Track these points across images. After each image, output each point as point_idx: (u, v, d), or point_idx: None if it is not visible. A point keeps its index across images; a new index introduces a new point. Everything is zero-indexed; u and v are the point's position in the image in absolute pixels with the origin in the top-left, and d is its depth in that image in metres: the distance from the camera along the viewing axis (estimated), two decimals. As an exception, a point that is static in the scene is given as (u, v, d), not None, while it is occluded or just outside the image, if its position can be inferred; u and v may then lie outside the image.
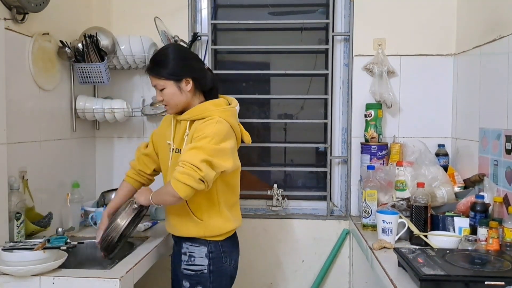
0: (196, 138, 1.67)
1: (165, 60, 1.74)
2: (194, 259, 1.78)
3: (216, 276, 1.78)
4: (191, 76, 1.75)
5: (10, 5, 1.78)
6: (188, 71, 1.75)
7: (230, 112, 1.78)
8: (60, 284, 1.53)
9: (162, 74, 1.73)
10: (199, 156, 1.60)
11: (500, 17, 1.92)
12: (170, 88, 1.73)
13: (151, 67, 1.76)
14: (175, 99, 1.75)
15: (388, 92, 2.37)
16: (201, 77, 1.79)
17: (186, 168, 1.59)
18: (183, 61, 1.76)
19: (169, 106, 1.77)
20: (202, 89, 1.81)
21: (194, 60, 1.83)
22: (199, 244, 1.78)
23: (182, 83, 1.74)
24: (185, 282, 1.80)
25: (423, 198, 1.90)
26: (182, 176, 1.59)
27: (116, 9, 2.54)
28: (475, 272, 1.40)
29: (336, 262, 2.53)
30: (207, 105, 1.76)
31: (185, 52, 1.86)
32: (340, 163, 2.58)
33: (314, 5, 2.71)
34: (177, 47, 1.90)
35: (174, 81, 1.73)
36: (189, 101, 1.78)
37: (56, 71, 2.16)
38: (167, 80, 1.73)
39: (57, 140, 2.18)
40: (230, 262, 1.84)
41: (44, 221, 1.88)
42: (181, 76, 1.73)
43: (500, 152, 1.87)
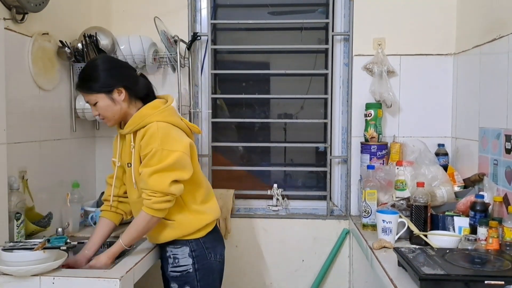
0: (147, 157, 1.64)
1: (92, 73, 1.70)
2: (178, 260, 1.78)
3: (202, 274, 1.78)
4: (122, 85, 1.70)
5: (9, 5, 1.78)
6: (118, 80, 1.70)
7: (168, 112, 1.73)
8: (60, 284, 1.53)
9: (92, 88, 1.68)
10: (165, 180, 1.62)
11: (500, 17, 1.92)
12: (103, 101, 1.69)
13: (79, 84, 1.71)
14: (110, 111, 1.71)
15: (388, 92, 2.37)
16: (132, 84, 1.74)
17: (158, 197, 1.63)
18: (111, 71, 1.71)
19: (106, 119, 1.73)
20: (137, 96, 1.76)
21: (123, 68, 1.78)
22: (181, 245, 1.78)
23: (114, 93, 1.69)
24: (173, 284, 1.80)
25: (423, 198, 1.90)
26: (157, 205, 1.64)
27: (116, 9, 2.54)
28: (475, 271, 1.40)
29: (336, 261, 2.53)
30: (144, 110, 1.71)
31: (113, 61, 1.80)
32: (340, 163, 2.58)
33: (314, 4, 2.71)
34: (103, 58, 1.82)
35: (105, 93, 1.68)
36: (126, 111, 1.73)
37: (55, 71, 2.16)
38: (98, 93, 1.68)
39: (57, 140, 2.18)
40: (216, 257, 1.83)
41: (44, 221, 1.88)
42: (112, 86, 1.69)
43: (500, 151, 1.87)
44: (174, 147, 1.65)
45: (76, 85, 1.74)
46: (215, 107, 2.66)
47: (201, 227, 1.79)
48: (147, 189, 1.64)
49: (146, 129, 1.67)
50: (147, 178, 1.63)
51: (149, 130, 1.66)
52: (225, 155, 2.70)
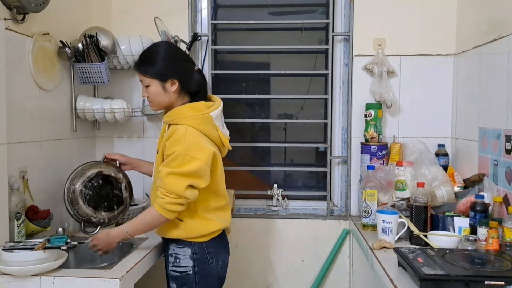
0: (169, 157, 1.66)
1: (153, 58, 1.74)
2: (179, 260, 1.79)
3: (202, 277, 1.78)
4: (177, 78, 1.74)
5: (10, 5, 1.78)
6: (174, 72, 1.74)
7: (201, 120, 1.73)
8: (60, 284, 1.53)
9: (148, 72, 1.73)
10: (182, 183, 1.64)
11: (500, 17, 1.92)
12: (155, 87, 1.74)
13: (139, 63, 1.77)
14: (158, 98, 1.76)
15: (388, 92, 2.37)
16: (187, 79, 1.77)
17: (172, 198, 1.64)
18: (171, 62, 1.75)
19: (152, 103, 1.79)
20: (187, 91, 1.79)
21: (183, 61, 1.81)
22: (183, 246, 1.79)
23: (168, 83, 1.74)
24: (172, 284, 1.81)
25: (423, 198, 1.90)
26: (170, 205, 1.65)
27: (116, 9, 2.54)
28: (475, 271, 1.40)
29: (336, 262, 2.53)
30: (183, 109, 1.74)
31: (175, 52, 1.83)
32: (340, 163, 2.58)
33: (314, 5, 2.71)
34: (168, 46, 1.86)
35: (159, 81, 1.73)
36: (173, 102, 1.77)
37: (56, 71, 2.16)
38: (153, 78, 1.73)
39: (57, 140, 2.18)
40: (217, 263, 1.83)
41: (44, 221, 1.88)
42: (167, 76, 1.73)
43: (500, 152, 1.87)
44: (198, 155, 1.66)
45: (135, 63, 1.80)
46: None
47: (206, 233, 1.79)
48: (163, 188, 1.65)
49: (175, 129, 1.70)
50: (165, 177, 1.65)
51: (177, 132, 1.68)
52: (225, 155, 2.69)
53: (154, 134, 2.54)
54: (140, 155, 2.54)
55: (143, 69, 1.74)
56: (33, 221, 1.83)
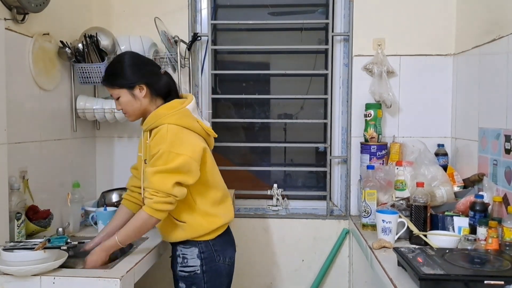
0: (154, 157, 1.66)
1: (117, 69, 1.75)
2: (187, 260, 1.79)
3: (210, 276, 1.79)
4: (144, 82, 1.73)
5: (10, 5, 1.78)
6: (139, 77, 1.74)
7: (181, 114, 1.73)
8: (60, 283, 1.53)
9: (115, 83, 1.74)
10: (168, 181, 1.62)
11: (499, 17, 1.93)
12: (125, 97, 1.74)
13: (104, 78, 1.77)
14: (130, 106, 1.75)
15: (387, 92, 2.37)
16: (154, 82, 1.77)
17: (160, 196, 1.63)
18: (134, 68, 1.74)
19: (127, 114, 1.79)
20: (158, 94, 1.78)
21: (146, 65, 1.81)
22: (190, 246, 1.79)
23: (136, 90, 1.73)
24: (181, 284, 1.81)
25: (422, 198, 1.91)
26: (158, 205, 1.63)
27: (116, 9, 2.54)
28: (475, 271, 1.40)
29: (336, 261, 2.53)
30: (159, 110, 1.73)
31: (137, 58, 1.82)
32: (340, 163, 2.58)
33: (313, 5, 2.72)
34: (129, 54, 1.83)
35: (127, 89, 1.73)
36: (146, 107, 1.76)
37: (56, 71, 2.16)
38: (121, 88, 1.73)
39: (58, 140, 2.18)
40: (224, 260, 1.83)
41: (44, 221, 1.88)
42: (133, 83, 1.73)
43: (499, 151, 1.87)
44: (182, 151, 1.65)
45: (102, 79, 1.80)
46: (215, 107, 2.66)
47: (211, 230, 1.79)
48: (150, 188, 1.65)
49: (157, 130, 1.69)
50: (151, 176, 1.64)
51: (159, 132, 1.68)
52: (225, 155, 2.70)
53: (154, 134, 2.54)
54: (140, 155, 2.55)
55: (109, 82, 1.75)
56: (33, 221, 1.83)
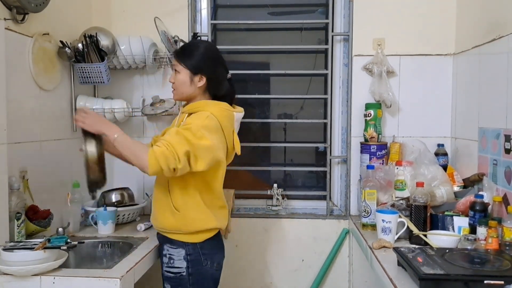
0: (183, 126, 1.70)
1: (193, 51, 1.82)
2: (173, 261, 1.79)
3: (196, 279, 1.78)
4: (207, 75, 1.81)
5: (10, 5, 1.78)
6: (207, 70, 1.81)
7: (226, 113, 1.80)
8: (60, 283, 1.53)
9: (183, 61, 1.81)
10: (184, 146, 1.60)
11: (499, 17, 1.93)
12: (183, 76, 1.81)
13: (178, 51, 1.86)
14: (183, 87, 1.82)
15: (387, 92, 2.37)
16: (216, 81, 1.84)
17: (169, 152, 1.57)
18: (208, 60, 1.82)
19: (175, 91, 1.86)
20: (214, 92, 1.85)
21: (219, 65, 1.87)
22: (177, 247, 1.79)
23: (196, 77, 1.80)
24: (166, 285, 1.82)
25: (422, 198, 1.91)
26: (161, 156, 1.57)
27: (116, 9, 2.54)
28: (475, 271, 1.40)
29: (336, 261, 2.53)
30: (207, 102, 1.82)
31: (214, 53, 1.89)
32: (340, 163, 2.58)
33: (313, 5, 2.72)
34: (209, 45, 1.95)
35: (190, 72, 1.80)
36: (195, 95, 1.84)
37: (56, 71, 2.16)
38: (185, 68, 1.80)
39: (58, 140, 2.18)
40: (212, 265, 1.82)
41: (44, 221, 1.88)
42: (199, 71, 1.80)
43: (499, 151, 1.87)
44: (210, 137, 1.66)
45: (176, 50, 1.92)
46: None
47: (201, 230, 1.78)
48: (166, 140, 1.61)
49: (199, 113, 1.75)
50: (173, 134, 1.64)
51: (200, 113, 1.74)
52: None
53: (154, 134, 2.54)
54: (140, 155, 2.55)
55: (180, 57, 1.83)
56: (33, 221, 1.83)
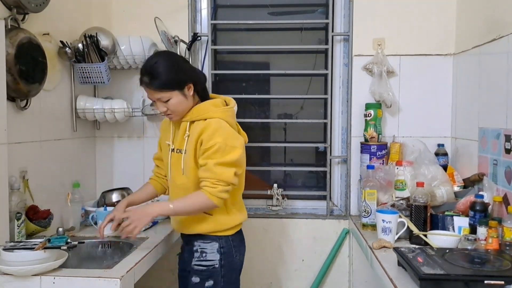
0: (210, 150, 1.68)
1: (163, 71, 1.69)
2: (206, 254, 1.80)
3: (227, 271, 1.81)
4: (192, 81, 1.76)
5: (10, 5, 1.78)
6: (188, 76, 1.75)
7: (230, 113, 1.80)
8: (60, 283, 1.53)
9: (165, 86, 1.69)
10: (230, 172, 1.69)
11: (500, 17, 1.93)
12: (176, 98, 1.72)
13: (149, 82, 1.69)
14: (181, 106, 1.74)
15: (387, 92, 2.37)
16: (197, 78, 1.81)
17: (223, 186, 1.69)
18: (180, 68, 1.75)
19: (174, 114, 1.76)
20: (201, 92, 1.82)
21: (186, 63, 1.85)
22: (211, 241, 1.81)
23: (185, 89, 1.73)
24: (194, 278, 1.81)
25: (422, 198, 1.91)
26: (222, 194, 1.69)
27: (116, 9, 2.54)
28: (475, 271, 1.40)
29: (336, 261, 2.53)
30: (206, 105, 1.77)
31: (178, 58, 1.83)
32: (340, 163, 2.58)
33: (313, 5, 2.72)
34: (168, 55, 1.85)
35: (179, 90, 1.72)
36: (192, 105, 1.79)
37: (56, 71, 2.16)
38: (172, 90, 1.70)
39: (58, 140, 2.18)
40: (240, 257, 1.88)
41: (44, 221, 1.88)
42: (184, 83, 1.73)
43: (499, 151, 1.87)
44: (236, 144, 1.72)
45: (144, 82, 1.71)
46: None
47: (231, 226, 1.83)
48: (213, 178, 1.68)
49: (207, 123, 1.72)
50: (213, 168, 1.68)
51: (211, 125, 1.71)
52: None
53: (154, 134, 2.55)
54: (140, 154, 2.56)
55: (158, 86, 1.69)
56: (33, 221, 1.83)
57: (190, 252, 1.83)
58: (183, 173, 1.78)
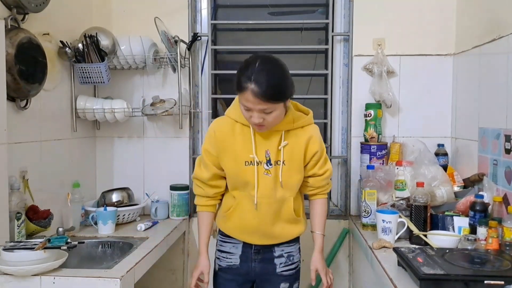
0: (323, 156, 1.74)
1: (280, 82, 1.53)
2: (292, 257, 1.81)
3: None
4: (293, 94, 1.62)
5: (10, 5, 1.78)
6: (293, 87, 1.60)
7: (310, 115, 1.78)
8: (60, 283, 1.53)
9: (279, 98, 1.53)
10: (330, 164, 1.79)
11: (500, 17, 1.93)
12: (279, 110, 1.56)
13: (271, 94, 1.50)
14: (279, 119, 1.61)
15: (387, 92, 2.37)
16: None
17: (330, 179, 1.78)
18: (290, 78, 1.59)
19: (268, 126, 1.60)
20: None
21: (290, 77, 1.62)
22: (295, 243, 1.83)
23: (287, 101, 1.61)
24: (284, 284, 1.80)
25: (422, 198, 1.91)
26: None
27: (116, 9, 2.54)
28: (475, 271, 1.40)
29: (336, 261, 2.53)
30: (296, 113, 1.69)
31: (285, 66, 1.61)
32: (340, 163, 2.58)
33: (313, 5, 2.72)
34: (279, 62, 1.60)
35: (283, 103, 1.57)
36: None
37: (56, 71, 2.16)
38: (278, 103, 1.54)
39: (58, 140, 2.18)
40: None
41: (44, 221, 1.88)
42: (291, 95, 1.60)
43: (499, 151, 1.87)
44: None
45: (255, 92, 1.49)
46: (215, 107, 2.66)
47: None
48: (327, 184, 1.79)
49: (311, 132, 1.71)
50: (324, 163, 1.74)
51: (316, 132, 1.72)
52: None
53: (154, 134, 2.55)
54: (140, 154, 2.56)
55: (271, 97, 1.51)
56: (33, 221, 1.83)
57: (270, 260, 1.77)
58: (281, 186, 1.68)
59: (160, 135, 2.55)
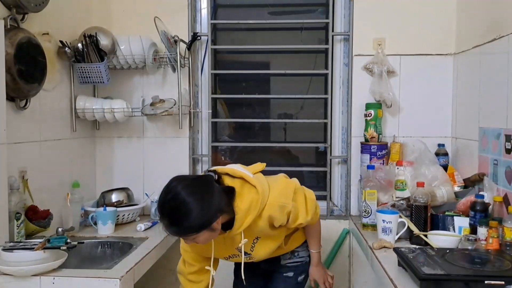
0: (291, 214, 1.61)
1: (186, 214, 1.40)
2: (298, 253, 1.86)
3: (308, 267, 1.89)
4: (220, 211, 1.47)
5: (10, 5, 1.78)
6: (215, 210, 1.45)
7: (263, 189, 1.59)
8: (60, 284, 1.53)
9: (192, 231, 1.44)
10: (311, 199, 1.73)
11: (500, 17, 1.92)
12: (203, 235, 1.47)
13: (176, 230, 1.45)
14: (211, 238, 1.52)
15: (388, 92, 2.37)
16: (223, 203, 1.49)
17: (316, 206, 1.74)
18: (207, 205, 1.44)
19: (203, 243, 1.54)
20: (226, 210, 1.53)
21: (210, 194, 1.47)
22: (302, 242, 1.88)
23: (214, 224, 1.46)
24: (289, 273, 1.85)
25: (423, 198, 1.90)
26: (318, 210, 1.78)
27: (116, 9, 2.54)
28: (475, 271, 1.40)
29: (336, 261, 2.53)
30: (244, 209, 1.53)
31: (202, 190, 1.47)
32: (340, 163, 2.58)
33: (313, 5, 2.71)
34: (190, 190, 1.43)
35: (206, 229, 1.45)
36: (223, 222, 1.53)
37: (56, 71, 2.16)
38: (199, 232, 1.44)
39: (57, 140, 2.18)
40: None
41: (44, 221, 1.88)
42: (213, 220, 1.44)
43: (500, 151, 1.87)
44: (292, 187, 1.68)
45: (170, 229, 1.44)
46: (215, 107, 2.66)
47: None
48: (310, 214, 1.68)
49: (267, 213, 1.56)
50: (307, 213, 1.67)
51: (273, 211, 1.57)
52: (225, 155, 2.70)
53: (154, 134, 2.55)
54: (139, 155, 2.56)
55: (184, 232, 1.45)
56: (33, 221, 1.83)
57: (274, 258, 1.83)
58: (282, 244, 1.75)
59: (160, 135, 2.55)
